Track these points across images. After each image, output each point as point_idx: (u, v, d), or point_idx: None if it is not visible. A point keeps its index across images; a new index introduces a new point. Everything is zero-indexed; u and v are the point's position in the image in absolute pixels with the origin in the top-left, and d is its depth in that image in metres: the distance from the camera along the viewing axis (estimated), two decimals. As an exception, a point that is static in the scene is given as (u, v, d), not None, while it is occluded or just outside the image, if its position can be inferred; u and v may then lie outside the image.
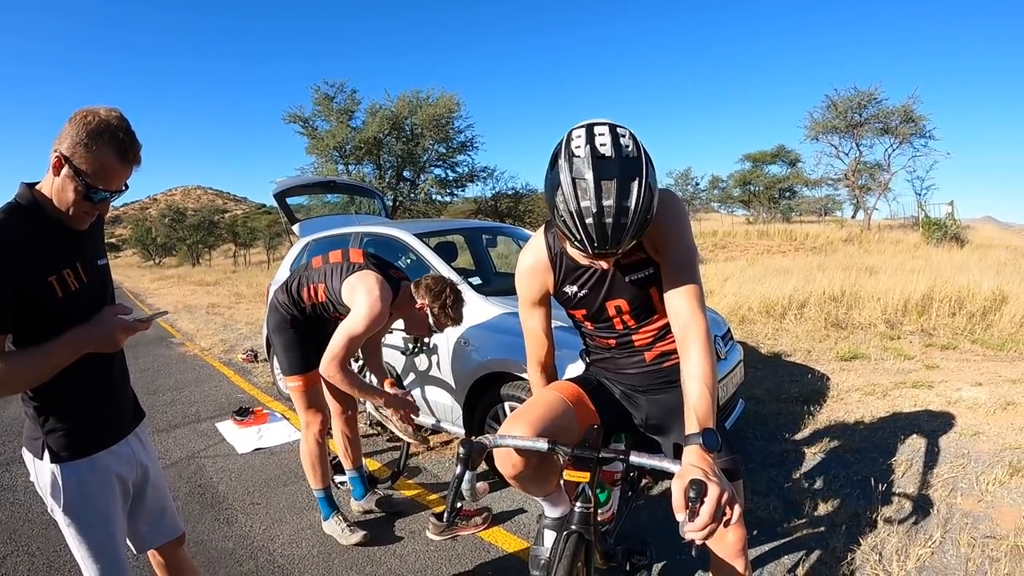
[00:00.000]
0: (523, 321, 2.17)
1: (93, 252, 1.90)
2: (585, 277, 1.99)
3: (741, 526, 1.92)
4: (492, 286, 4.68)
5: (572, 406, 2.03)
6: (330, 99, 27.98)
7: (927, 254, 17.91)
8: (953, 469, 3.87)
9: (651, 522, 3.48)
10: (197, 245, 57.15)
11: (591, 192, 1.51)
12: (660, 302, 1.95)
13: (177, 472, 4.59)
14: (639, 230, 1.57)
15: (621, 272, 1.94)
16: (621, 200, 1.51)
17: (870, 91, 30.29)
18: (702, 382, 1.61)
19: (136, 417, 2.12)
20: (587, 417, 2.06)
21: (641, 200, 1.52)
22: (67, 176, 1.69)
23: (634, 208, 1.52)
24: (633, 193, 1.52)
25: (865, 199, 32.69)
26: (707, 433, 1.46)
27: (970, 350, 7.02)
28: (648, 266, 1.90)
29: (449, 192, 30.15)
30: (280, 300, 3.47)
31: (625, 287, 1.96)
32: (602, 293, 2.00)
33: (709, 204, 50.52)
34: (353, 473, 3.80)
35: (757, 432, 4.72)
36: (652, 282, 1.93)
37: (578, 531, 1.65)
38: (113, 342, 1.78)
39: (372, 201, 8.52)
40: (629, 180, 1.51)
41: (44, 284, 1.69)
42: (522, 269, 2.09)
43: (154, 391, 7.14)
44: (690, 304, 1.74)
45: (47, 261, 1.70)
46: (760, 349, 7.44)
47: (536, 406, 1.98)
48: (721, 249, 25.63)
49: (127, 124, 1.74)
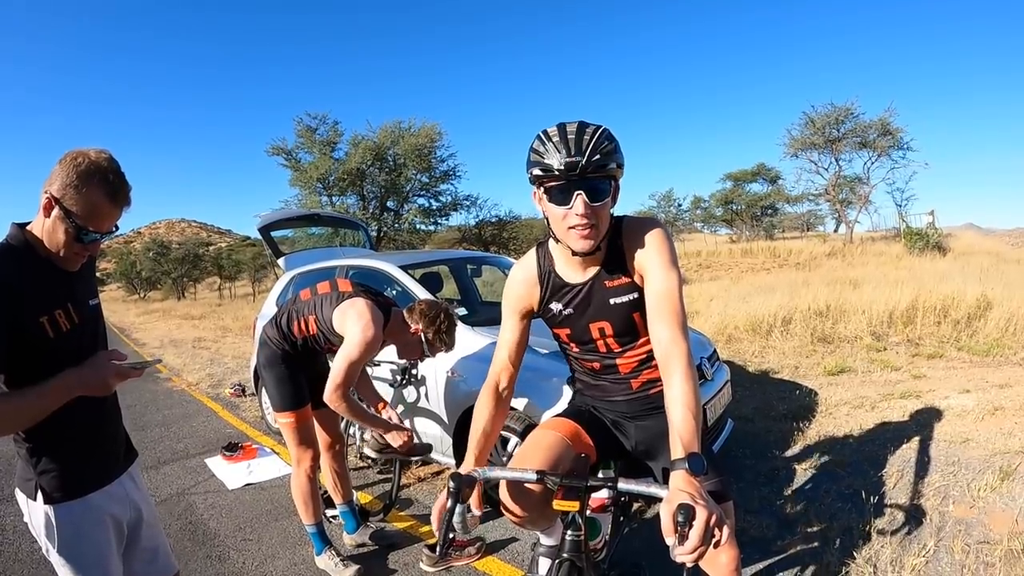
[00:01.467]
0: (500, 332, 2.17)
1: (85, 293, 1.90)
2: (571, 296, 2.01)
3: (733, 546, 1.93)
4: (479, 316, 4.70)
5: (571, 443, 2.05)
6: (313, 131, 28.04)
7: (910, 264, 18.10)
8: (944, 477, 3.89)
9: (644, 546, 3.47)
10: (182, 278, 56.83)
11: (555, 128, 1.75)
12: (644, 328, 1.96)
13: (167, 509, 4.54)
14: (604, 150, 1.70)
15: (605, 295, 1.96)
16: (583, 126, 1.73)
17: (847, 106, 30.73)
18: (685, 407, 1.61)
19: (128, 456, 2.11)
20: (586, 451, 2.08)
21: (602, 130, 1.73)
22: (58, 218, 1.70)
23: (595, 129, 1.73)
24: (593, 126, 1.74)
25: (846, 213, 33.05)
26: (693, 457, 1.46)
27: (956, 357, 7.08)
28: (632, 291, 1.93)
29: (433, 221, 30.18)
30: (270, 335, 3.44)
31: (609, 309, 1.98)
32: (586, 313, 2.02)
33: (692, 224, 50.91)
34: (344, 507, 3.76)
35: (747, 451, 4.73)
36: (636, 307, 1.95)
37: (570, 559, 1.65)
38: (106, 386, 1.76)
39: (356, 233, 8.54)
40: (589, 124, 1.75)
41: (35, 325, 1.68)
42: (511, 280, 2.14)
43: (142, 427, 7.07)
44: (672, 330, 1.76)
45: (38, 302, 1.71)
46: (747, 367, 7.47)
47: (537, 448, 2.02)
48: (706, 269, 25.79)
49: (117, 166, 1.76)
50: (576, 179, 1.70)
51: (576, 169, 1.68)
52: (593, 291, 1.98)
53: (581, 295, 2.00)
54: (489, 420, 2.04)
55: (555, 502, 1.61)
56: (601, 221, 1.79)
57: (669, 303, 1.80)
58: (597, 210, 1.75)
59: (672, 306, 1.79)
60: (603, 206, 1.76)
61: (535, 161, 1.75)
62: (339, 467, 3.71)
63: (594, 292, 1.98)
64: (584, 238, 1.78)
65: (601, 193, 1.75)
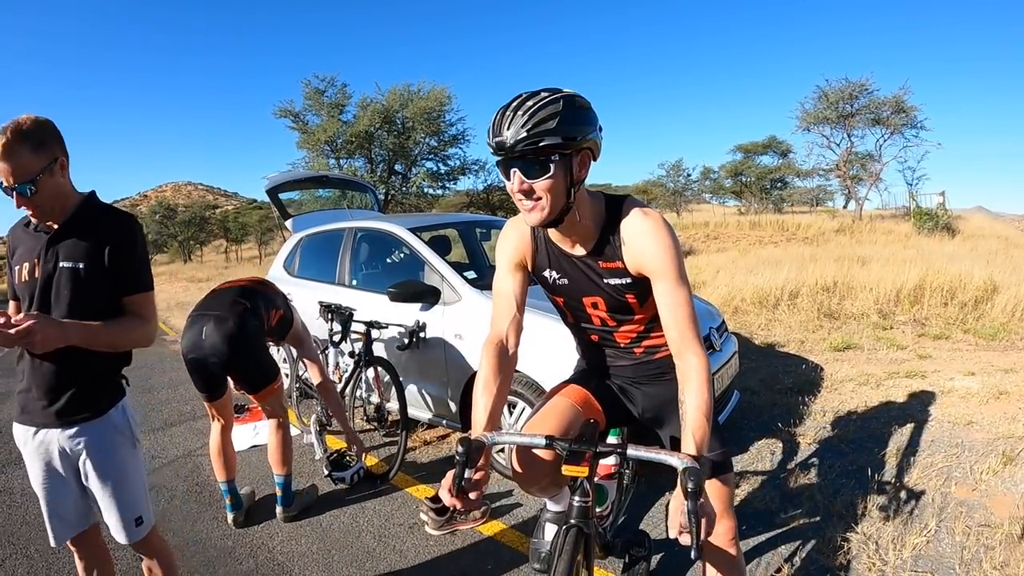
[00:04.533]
0: (495, 285, 2.07)
1: (61, 253, 2.04)
2: (565, 265, 1.98)
3: (731, 517, 1.99)
4: (487, 279, 4.67)
5: (581, 409, 2.05)
6: (321, 93, 27.73)
7: (918, 244, 17.99)
8: (947, 458, 3.90)
9: (647, 513, 3.50)
10: (188, 241, 56.74)
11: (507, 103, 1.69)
12: (640, 307, 1.95)
13: (174, 470, 4.59)
14: (538, 129, 1.62)
15: (598, 274, 1.93)
16: (523, 100, 1.66)
17: (861, 82, 30.29)
18: (701, 412, 1.65)
19: (63, 419, 2.13)
20: (595, 417, 2.08)
21: (543, 103, 1.63)
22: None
23: (536, 103, 1.63)
24: (537, 98, 1.65)
25: (856, 189, 32.76)
26: (701, 460, 1.50)
27: (962, 339, 7.06)
28: (626, 275, 1.88)
29: (441, 185, 30.01)
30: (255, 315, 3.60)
31: (601, 288, 1.94)
32: (579, 287, 1.99)
33: (700, 195, 50.54)
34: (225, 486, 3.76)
35: (752, 423, 4.74)
36: (629, 289, 1.91)
37: (577, 525, 1.66)
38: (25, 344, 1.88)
39: (364, 195, 8.50)
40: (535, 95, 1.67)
41: (12, 271, 2.10)
42: (505, 233, 2.08)
43: (148, 389, 7.12)
44: (686, 335, 1.76)
45: (17, 252, 2.11)
46: (754, 340, 7.47)
47: (548, 415, 2.02)
48: (713, 240, 25.66)
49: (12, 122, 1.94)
50: (510, 157, 1.67)
51: (503, 149, 1.64)
52: (586, 268, 1.94)
53: (574, 268, 1.97)
54: (496, 380, 1.89)
55: (564, 467, 1.61)
56: (551, 196, 1.71)
57: (680, 304, 1.78)
58: (538, 186, 1.69)
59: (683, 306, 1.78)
60: (546, 182, 1.68)
61: (488, 140, 1.73)
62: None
63: (587, 269, 1.94)
64: (530, 211, 1.74)
65: (537, 170, 1.67)
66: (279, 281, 6.27)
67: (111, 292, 2.10)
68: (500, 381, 1.90)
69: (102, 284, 2.07)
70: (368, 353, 4.43)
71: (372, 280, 5.65)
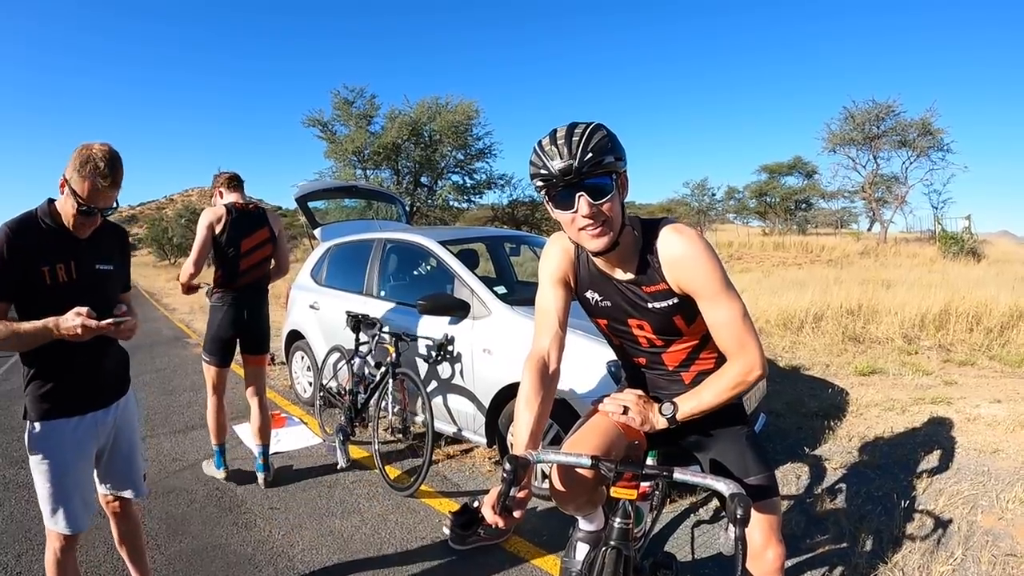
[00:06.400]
0: (538, 301, 2.09)
1: (94, 257, 2.36)
2: (608, 288, 1.99)
3: (780, 543, 1.94)
4: (517, 295, 4.69)
5: (623, 430, 2.02)
6: (350, 104, 27.92)
7: (944, 268, 17.83)
8: (973, 486, 3.86)
9: (672, 534, 3.50)
10: (213, 246, 57.11)
11: (547, 136, 1.74)
12: (688, 327, 1.95)
13: (194, 474, 4.63)
14: (597, 147, 1.67)
15: (643, 299, 1.93)
16: (572, 127, 1.71)
17: (888, 103, 30.21)
18: (722, 376, 1.79)
19: (119, 391, 2.60)
20: (637, 438, 2.07)
21: (592, 127, 1.70)
22: (67, 195, 2.22)
23: (586, 128, 1.70)
24: (583, 125, 1.71)
25: (882, 212, 32.58)
26: (672, 405, 1.77)
27: (988, 366, 6.98)
28: (671, 296, 1.88)
29: (466, 199, 30.01)
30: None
31: (647, 311, 1.94)
32: (624, 310, 1.99)
33: (725, 215, 50.41)
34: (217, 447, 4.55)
35: (778, 446, 4.72)
36: (676, 311, 1.91)
37: (617, 547, 1.66)
38: (75, 334, 2.11)
39: (391, 206, 8.57)
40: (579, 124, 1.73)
41: (36, 272, 2.18)
42: (548, 249, 2.10)
43: (170, 391, 7.19)
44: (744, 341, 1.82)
45: (42, 256, 2.20)
46: (778, 362, 7.42)
47: (589, 433, 2.00)
48: (737, 260, 25.55)
49: (111, 156, 2.21)
50: (575, 181, 1.69)
51: (571, 172, 1.67)
52: (630, 293, 1.94)
53: (616, 292, 1.97)
54: (538, 397, 1.90)
55: (614, 489, 1.62)
56: (612, 217, 1.75)
57: (736, 325, 1.82)
58: (603, 207, 1.72)
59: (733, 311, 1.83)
60: (608, 202, 1.72)
61: (534, 173, 1.75)
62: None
63: (630, 294, 1.94)
64: (596, 237, 1.76)
65: (603, 190, 1.71)
66: (305, 289, 6.32)
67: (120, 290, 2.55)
68: (542, 398, 1.91)
69: (119, 283, 2.54)
70: (395, 364, 4.44)
71: (400, 291, 5.69)
